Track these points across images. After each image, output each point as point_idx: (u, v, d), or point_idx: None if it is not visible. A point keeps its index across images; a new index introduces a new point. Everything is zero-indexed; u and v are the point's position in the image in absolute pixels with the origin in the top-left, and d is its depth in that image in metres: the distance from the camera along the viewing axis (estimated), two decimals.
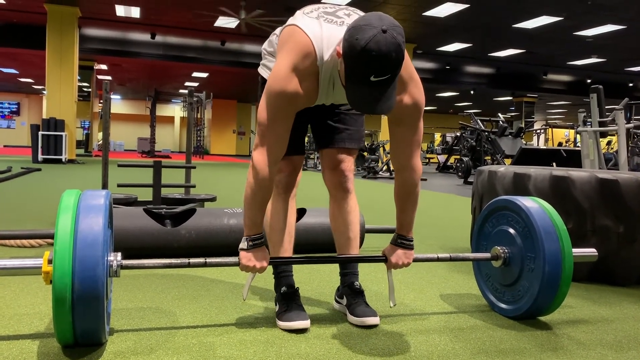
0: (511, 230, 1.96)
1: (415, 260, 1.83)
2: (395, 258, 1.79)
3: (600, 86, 5.87)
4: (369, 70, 1.37)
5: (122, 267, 1.56)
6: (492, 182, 2.88)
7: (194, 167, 4.34)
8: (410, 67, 1.60)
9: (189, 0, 11.94)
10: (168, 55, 16.13)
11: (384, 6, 11.78)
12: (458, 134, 15.79)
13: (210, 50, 16.36)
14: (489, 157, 11.42)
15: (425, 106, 1.71)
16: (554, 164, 8.82)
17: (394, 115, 1.65)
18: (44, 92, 23.86)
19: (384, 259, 1.82)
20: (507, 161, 10.96)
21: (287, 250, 1.91)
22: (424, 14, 12.03)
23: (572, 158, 9.01)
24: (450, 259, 1.94)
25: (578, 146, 11.54)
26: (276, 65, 1.60)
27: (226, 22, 13.31)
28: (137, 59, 16.87)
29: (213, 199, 4.36)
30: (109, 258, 1.51)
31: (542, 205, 1.93)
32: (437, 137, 30.89)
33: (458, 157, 13.37)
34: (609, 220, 2.50)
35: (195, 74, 21.66)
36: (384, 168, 12.52)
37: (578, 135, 6.56)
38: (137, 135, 27.95)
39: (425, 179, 11.68)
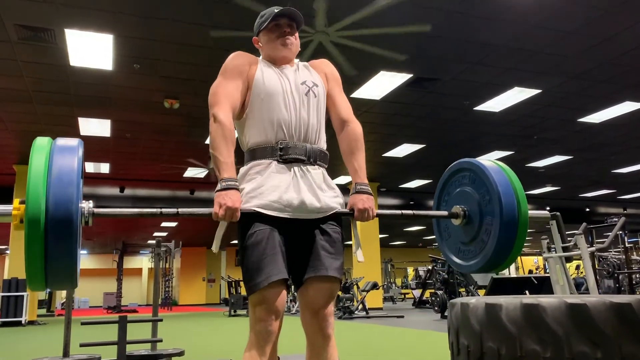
0: (469, 189, 2.13)
1: (379, 215, 2.05)
2: (361, 203, 1.91)
3: (558, 213, 6.11)
4: (272, 10, 1.96)
5: (94, 214, 1.54)
6: (466, 315, 2.84)
7: (161, 320, 4.21)
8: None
9: (158, 155, 12.36)
10: (137, 207, 16.20)
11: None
12: (430, 267, 15.85)
13: (179, 200, 16.55)
14: (463, 289, 11.38)
15: (395, 240, 1.93)
16: (527, 292, 8.84)
17: (330, 76, 2.08)
18: (7, 252, 23.34)
19: (351, 213, 1.92)
20: (482, 292, 10.92)
21: None
22: (383, 155, 12.68)
23: (544, 285, 9.07)
24: (414, 216, 2.24)
25: (548, 272, 11.67)
26: None
27: (195, 172, 13.72)
28: None
29: (181, 354, 4.16)
30: (81, 205, 1.45)
31: (500, 165, 2.11)
32: (410, 271, 30.85)
33: (432, 290, 13.27)
34: (586, 347, 2.46)
35: (164, 224, 21.70)
36: (360, 307, 12.25)
37: (546, 262, 6.68)
38: (103, 290, 27.01)
39: (403, 316, 11.45)
